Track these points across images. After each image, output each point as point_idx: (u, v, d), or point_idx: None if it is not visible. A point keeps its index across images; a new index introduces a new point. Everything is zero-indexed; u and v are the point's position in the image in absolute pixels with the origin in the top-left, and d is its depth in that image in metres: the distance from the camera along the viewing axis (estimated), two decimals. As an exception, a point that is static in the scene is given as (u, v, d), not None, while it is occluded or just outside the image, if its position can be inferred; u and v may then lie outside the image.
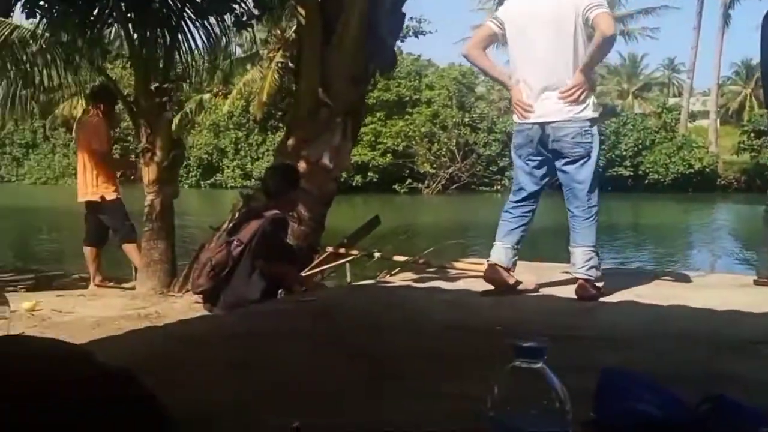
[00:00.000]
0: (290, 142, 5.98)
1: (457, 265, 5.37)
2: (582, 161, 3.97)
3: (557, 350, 1.12)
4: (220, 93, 33.25)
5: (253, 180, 32.19)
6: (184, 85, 8.03)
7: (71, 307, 5.62)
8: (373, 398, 2.28)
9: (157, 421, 1.33)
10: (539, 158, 4.07)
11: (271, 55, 26.62)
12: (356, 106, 6.11)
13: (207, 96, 33.57)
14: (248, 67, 24.52)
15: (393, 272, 5.67)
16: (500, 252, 4.11)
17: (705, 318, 2.72)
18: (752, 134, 36.80)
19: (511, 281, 4.11)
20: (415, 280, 4.84)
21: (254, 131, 36.79)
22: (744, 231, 17.17)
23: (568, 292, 4.14)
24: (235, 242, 4.53)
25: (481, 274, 4.28)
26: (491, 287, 4.12)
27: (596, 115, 3.96)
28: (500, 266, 4.09)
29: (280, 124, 33.99)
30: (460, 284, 4.66)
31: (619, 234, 19.26)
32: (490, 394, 1.11)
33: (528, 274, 4.78)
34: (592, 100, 3.93)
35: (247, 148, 37.09)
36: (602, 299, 3.97)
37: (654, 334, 3.07)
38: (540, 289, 4.27)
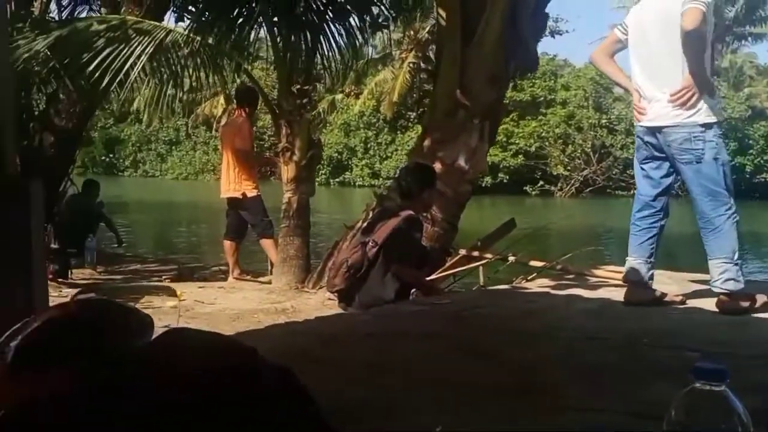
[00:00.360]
0: (426, 143, 5.97)
1: (597, 272, 5.19)
2: (694, 168, 3.74)
3: None
4: (351, 93, 33.92)
5: (381, 179, 32.60)
6: (318, 85, 8.21)
7: (212, 298, 5.87)
8: (511, 408, 2.23)
9: (314, 424, 1.34)
10: (655, 162, 3.91)
11: (403, 55, 26.87)
12: (494, 108, 6.02)
13: (339, 96, 34.36)
14: (380, 67, 24.89)
15: (529, 278, 5.55)
16: (633, 269, 3.94)
17: None
18: None
19: (655, 295, 3.93)
20: (552, 287, 4.70)
21: (384, 131, 37.19)
22: None
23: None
24: (370, 243, 4.56)
25: (623, 282, 4.12)
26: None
27: (710, 120, 3.71)
28: (638, 284, 3.92)
29: (410, 124, 34.25)
30: (600, 293, 4.49)
31: (766, 244, 18.10)
32: (668, 416, 1.05)
33: (672, 285, 4.57)
34: (705, 103, 3.69)
35: (376, 148, 37.55)
36: (758, 315, 3.71)
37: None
38: (686, 301, 4.04)
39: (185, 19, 7.43)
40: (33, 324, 1.39)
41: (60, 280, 7.13)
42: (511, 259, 5.85)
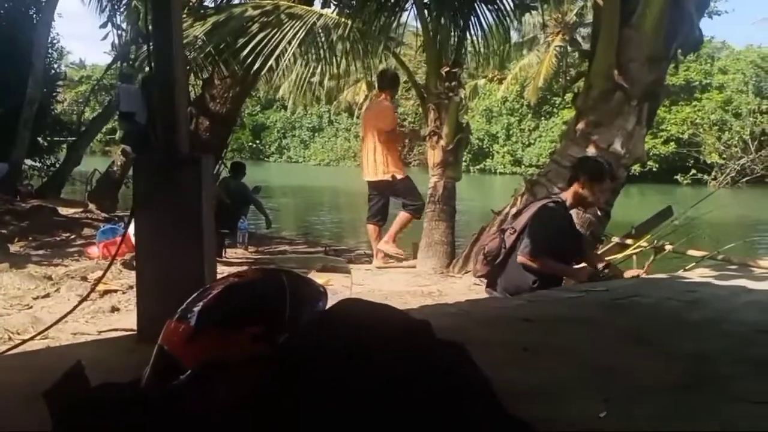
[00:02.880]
0: (580, 126, 5.78)
1: (763, 263, 4.88)
2: None
3: None
4: (495, 78, 33.54)
5: (523, 166, 32.08)
6: (460, 72, 8.14)
7: (360, 280, 5.97)
8: (679, 399, 2.13)
9: (488, 397, 1.33)
10: None
11: (549, 39, 26.25)
12: (653, 89, 5.74)
13: (482, 81, 34.06)
14: (524, 51, 24.44)
15: (687, 267, 5.28)
16: None
17: None
18: None
19: None
20: (715, 277, 4.46)
21: (527, 117, 36.55)
22: None
23: None
24: (509, 230, 4.46)
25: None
26: None
27: None
28: None
29: (555, 110, 33.45)
30: (768, 285, 4.23)
31: None
32: None
33: None
34: None
35: (518, 134, 36.98)
36: None
37: None
38: None
39: (332, 4, 7.57)
40: (214, 290, 1.46)
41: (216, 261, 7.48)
42: (668, 248, 5.59)
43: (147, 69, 2.97)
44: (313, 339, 1.33)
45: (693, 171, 32.13)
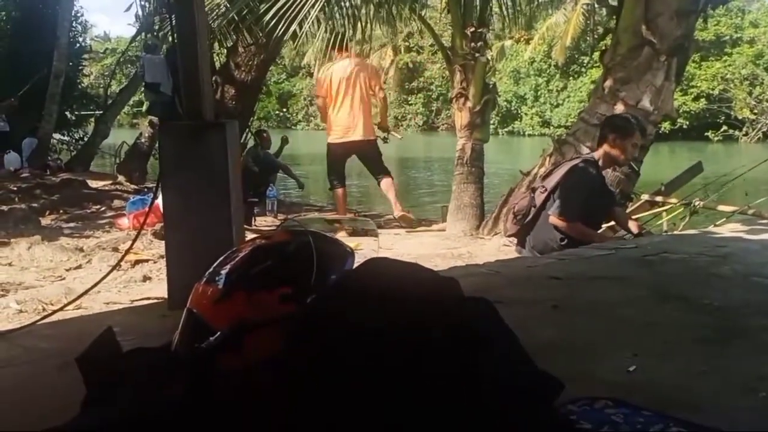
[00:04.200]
0: (607, 83, 5.70)
1: (794, 218, 4.82)
2: None
3: None
4: (522, 39, 33.05)
5: (552, 128, 31.75)
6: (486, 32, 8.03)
7: (390, 244, 5.99)
8: (710, 351, 2.14)
9: (516, 352, 1.34)
10: None
11: (576, -3, 25.74)
12: (682, 44, 5.63)
13: (508, 42, 33.59)
14: (551, 11, 24.00)
15: (717, 223, 5.22)
16: None
17: None
18: None
19: None
20: (746, 232, 4.41)
21: (555, 77, 36.06)
22: None
23: None
24: (540, 189, 4.44)
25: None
26: None
27: None
28: None
29: (583, 70, 32.95)
30: (801, 238, 4.18)
31: None
32: None
33: None
34: None
35: (546, 95, 36.53)
36: None
37: None
38: None
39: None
40: (241, 252, 1.48)
41: (244, 226, 7.55)
42: (698, 204, 5.53)
43: (170, 39, 2.98)
44: (341, 297, 1.35)
45: (724, 127, 31.58)
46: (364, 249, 5.70)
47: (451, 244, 5.90)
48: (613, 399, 1.58)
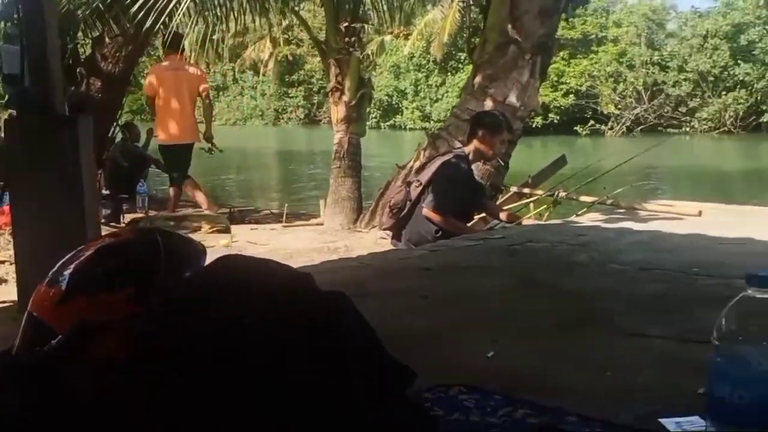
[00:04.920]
0: (477, 79, 5.88)
1: (648, 206, 5.13)
2: None
3: None
4: (401, 34, 33.41)
5: (432, 122, 32.32)
6: (366, 27, 8.08)
7: (265, 239, 5.94)
8: (566, 336, 2.23)
9: (370, 345, 1.35)
10: None
11: (452, -7, 26.25)
12: (546, 42, 5.86)
13: (388, 38, 33.89)
14: (429, 7, 24.36)
15: (579, 213, 5.48)
16: None
17: None
18: None
19: None
20: (604, 221, 4.66)
21: (434, 72, 36.73)
22: None
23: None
24: (415, 183, 4.56)
25: (673, 215, 4.05)
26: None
27: None
28: None
29: (460, 65, 33.71)
30: (652, 225, 4.47)
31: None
32: (718, 324, 1.03)
33: (728, 217, 4.49)
34: None
35: (426, 90, 37.16)
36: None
37: None
38: (737, 233, 3.97)
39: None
40: (86, 252, 1.42)
41: (112, 224, 7.28)
42: (561, 194, 5.78)
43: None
44: (191, 295, 1.32)
45: (591, 122, 33.13)
46: (239, 242, 5.64)
47: (328, 238, 5.91)
48: (467, 385, 1.62)
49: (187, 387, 1.20)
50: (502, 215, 4.80)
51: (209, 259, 1.45)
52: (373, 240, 5.57)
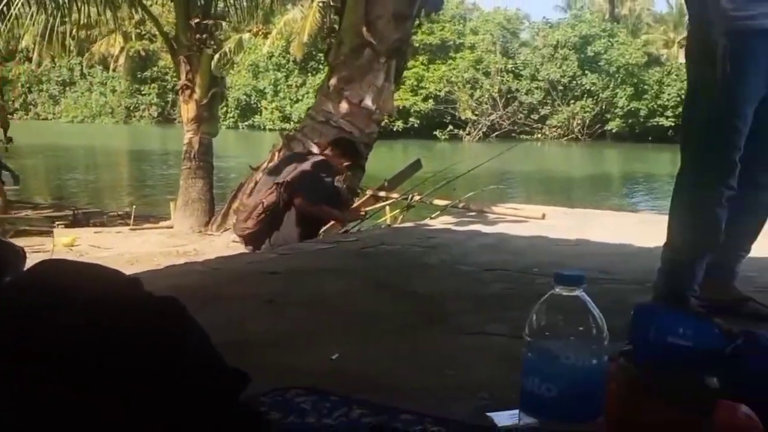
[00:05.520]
0: (332, 81, 5.89)
1: (496, 209, 5.34)
2: None
3: (590, 292, 1.10)
4: (260, 32, 33.03)
5: (292, 123, 32.17)
6: (223, 24, 7.96)
7: (109, 243, 5.70)
8: (410, 335, 2.27)
9: (201, 350, 1.31)
10: None
11: (314, -7, 26.24)
12: (400, 47, 5.97)
13: (246, 36, 33.41)
14: (289, 6, 24.23)
15: (433, 215, 5.63)
16: None
17: (746, 263, 2.66)
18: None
19: None
20: (455, 224, 4.81)
21: (294, 72, 36.56)
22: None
23: (604, 236, 4.13)
24: (272, 186, 4.54)
25: (520, 218, 4.25)
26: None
27: None
28: None
29: (321, 66, 33.76)
30: (499, 228, 4.66)
31: (658, 182, 19.02)
32: (529, 320, 1.09)
33: (569, 220, 4.74)
34: None
35: (286, 90, 36.94)
36: (638, 244, 3.91)
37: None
38: (576, 235, 4.22)
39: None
40: None
41: None
42: (417, 198, 5.90)
43: None
44: (8, 300, 1.24)
45: (450, 127, 34.11)
46: (81, 245, 5.37)
47: (177, 242, 5.75)
48: (305, 387, 1.62)
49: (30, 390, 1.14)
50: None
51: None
52: (224, 243, 5.47)
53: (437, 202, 5.94)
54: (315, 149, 5.16)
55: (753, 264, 2.76)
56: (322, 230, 4.78)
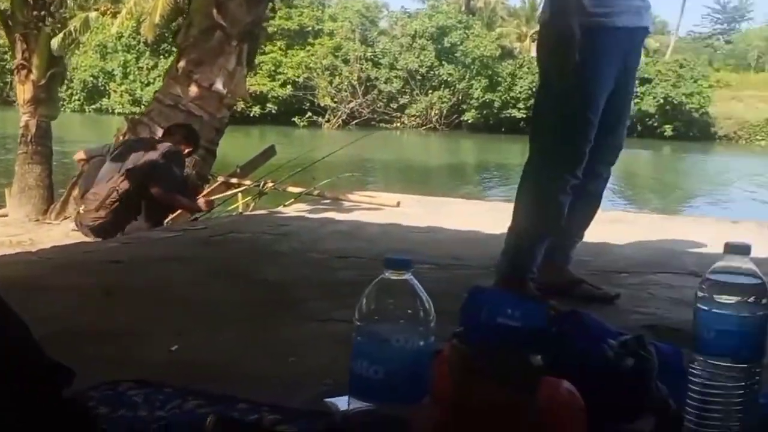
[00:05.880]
0: (181, 64, 5.71)
1: (352, 197, 5.36)
2: None
3: (440, 277, 1.13)
4: (108, 11, 31.49)
5: (143, 106, 30.97)
6: (67, 0, 7.51)
7: (-71, 236, 5.28)
8: (256, 323, 2.25)
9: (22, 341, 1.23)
10: None
11: (164, -27, 25.30)
12: (252, 30, 5.86)
13: (93, 14, 31.76)
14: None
15: (287, 203, 5.58)
16: None
17: (580, 248, 2.83)
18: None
19: None
20: (309, 211, 4.80)
21: (145, 54, 35.15)
22: (623, 172, 17.87)
23: (456, 224, 4.24)
24: (120, 173, 4.40)
25: (375, 206, 4.30)
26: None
27: None
28: None
29: (174, 48, 32.72)
30: (353, 216, 4.68)
31: (510, 172, 19.90)
32: (358, 305, 1.10)
33: (420, 207, 4.84)
34: None
35: (136, 72, 35.46)
36: (487, 231, 4.05)
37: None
38: (430, 222, 4.32)
39: None
40: None
41: None
42: (270, 185, 5.83)
43: None
44: None
45: (309, 114, 34.01)
46: None
47: (12, 231, 5.40)
48: (138, 380, 1.56)
49: None
50: (201, 202, 4.82)
51: None
52: (63, 233, 5.18)
53: (291, 189, 5.89)
54: (160, 132, 5.03)
55: (587, 249, 2.95)
56: (169, 218, 4.64)
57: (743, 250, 1.20)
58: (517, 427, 1.31)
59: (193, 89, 5.47)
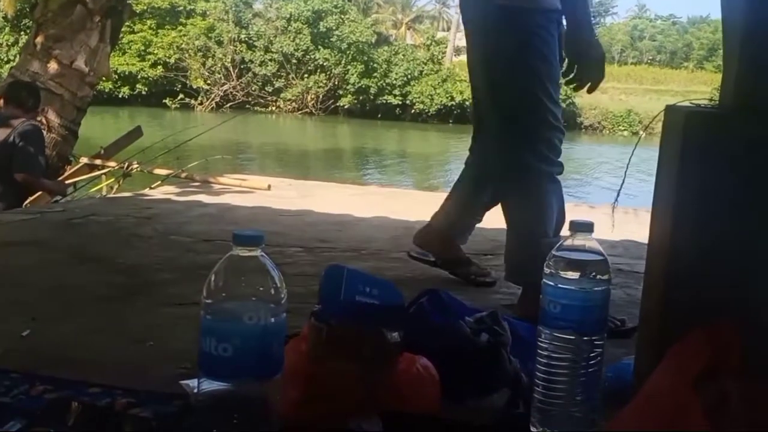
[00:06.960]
0: (39, 39, 5.40)
1: (222, 179, 5.28)
2: None
3: (308, 259, 1.14)
4: (-39, -18, 29.41)
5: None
6: None
7: None
8: (113, 308, 2.20)
9: None
10: None
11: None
12: (116, 7, 5.63)
13: (-55, -16, 29.60)
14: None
15: (153, 185, 5.41)
16: None
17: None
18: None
19: None
20: (176, 194, 4.68)
21: (5, 30, 33.04)
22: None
23: (328, 207, 4.26)
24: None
25: (245, 189, 4.26)
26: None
27: None
28: None
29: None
30: (223, 199, 4.62)
31: (386, 158, 20.15)
32: (207, 282, 1.10)
33: (291, 191, 4.83)
34: None
35: (-6, 49, 33.33)
36: (358, 215, 4.10)
37: (400, 245, 3.17)
38: (301, 206, 4.32)
39: None
40: None
41: None
42: (135, 167, 5.64)
43: None
44: None
45: (181, 95, 33.04)
46: None
47: None
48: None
49: None
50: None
51: None
52: None
53: (158, 171, 5.72)
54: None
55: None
56: (27, 201, 4.41)
57: (587, 227, 1.27)
58: (373, 402, 1.35)
59: (53, 66, 5.20)
